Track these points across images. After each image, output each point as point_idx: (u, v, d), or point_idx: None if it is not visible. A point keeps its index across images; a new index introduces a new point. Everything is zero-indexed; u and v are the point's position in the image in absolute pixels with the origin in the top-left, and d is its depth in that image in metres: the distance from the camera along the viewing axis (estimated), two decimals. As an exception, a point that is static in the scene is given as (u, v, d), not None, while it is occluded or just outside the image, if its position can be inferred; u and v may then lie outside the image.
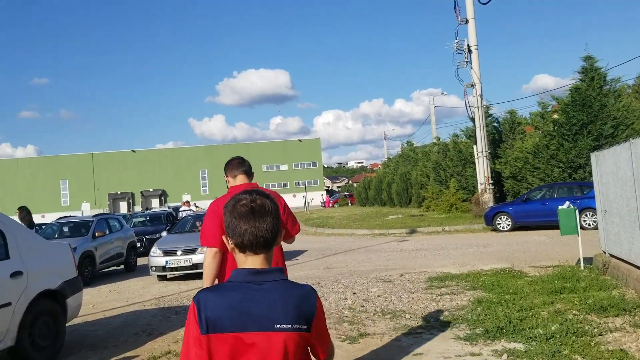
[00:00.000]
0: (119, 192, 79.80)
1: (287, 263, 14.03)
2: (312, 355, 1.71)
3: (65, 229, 14.27)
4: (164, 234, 14.85)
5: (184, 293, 10.46)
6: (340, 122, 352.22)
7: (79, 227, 14.05)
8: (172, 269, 12.25)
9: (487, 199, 23.67)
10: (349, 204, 61.10)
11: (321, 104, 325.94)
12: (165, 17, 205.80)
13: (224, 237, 1.71)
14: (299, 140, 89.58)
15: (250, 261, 1.63)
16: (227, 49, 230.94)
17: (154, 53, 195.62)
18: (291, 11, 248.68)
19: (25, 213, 11.66)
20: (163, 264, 12.22)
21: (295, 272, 12.30)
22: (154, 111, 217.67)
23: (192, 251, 12.27)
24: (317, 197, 78.36)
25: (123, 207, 76.81)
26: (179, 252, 12.32)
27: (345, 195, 68.26)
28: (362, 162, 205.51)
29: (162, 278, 12.69)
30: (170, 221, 21.82)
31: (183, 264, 12.18)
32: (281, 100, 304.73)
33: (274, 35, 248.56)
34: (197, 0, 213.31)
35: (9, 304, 5.06)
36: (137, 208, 73.89)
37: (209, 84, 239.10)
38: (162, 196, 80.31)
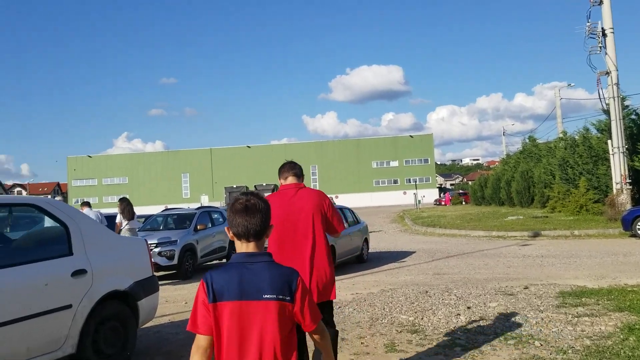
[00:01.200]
0: (234, 186, 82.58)
1: (393, 265, 12.89)
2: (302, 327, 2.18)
3: (170, 221, 14.22)
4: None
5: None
6: (455, 117, 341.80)
7: (182, 220, 13.93)
8: None
9: (624, 200, 20.85)
10: (463, 203, 58.26)
11: (435, 100, 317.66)
12: (279, 16, 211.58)
13: (225, 229, 2.32)
14: (411, 136, 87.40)
15: (244, 247, 2.19)
16: (340, 46, 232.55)
17: (270, 51, 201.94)
18: (404, 7, 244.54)
19: (125, 204, 11.60)
20: None
21: (401, 275, 11.15)
22: (270, 108, 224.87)
23: None
24: (429, 195, 75.84)
25: (238, 201, 79.39)
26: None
27: (459, 193, 65.27)
28: (477, 159, 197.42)
29: None
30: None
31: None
32: (394, 96, 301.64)
33: (388, 31, 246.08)
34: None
35: (68, 306, 4.49)
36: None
37: (322, 81, 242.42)
38: (274, 190, 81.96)
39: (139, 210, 14.22)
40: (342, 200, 71.18)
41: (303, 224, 3.88)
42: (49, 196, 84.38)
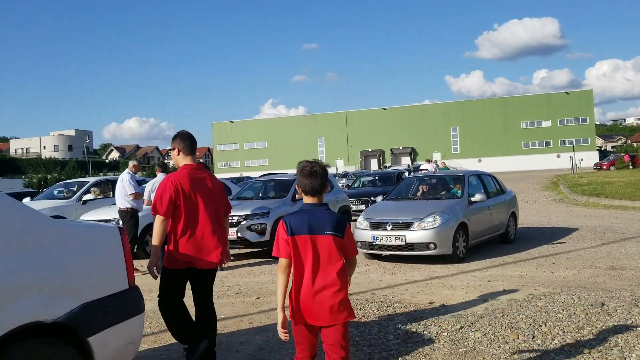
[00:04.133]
0: (369, 150, 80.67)
1: (546, 249, 9.41)
2: (344, 255, 3.07)
3: (268, 189, 12.23)
4: (379, 198, 11.87)
5: (400, 286, 7.19)
6: (619, 73, 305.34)
7: (280, 187, 11.86)
8: (380, 247, 9.13)
9: None
10: (630, 167, 50.23)
11: (595, 53, 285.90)
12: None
13: (296, 187, 3.33)
14: (566, 92, 77.92)
15: (310, 200, 3.11)
16: (487, 1, 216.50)
17: (414, 10, 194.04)
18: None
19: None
20: (369, 239, 9.17)
21: (559, 269, 7.96)
22: (411, 69, 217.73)
23: (406, 226, 8.92)
24: (587, 158, 67.20)
25: (374, 165, 77.42)
26: (388, 226, 9.10)
27: (630, 156, 56.40)
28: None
29: (374, 257, 9.69)
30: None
31: (393, 242, 8.94)
32: (548, 51, 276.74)
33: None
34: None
35: None
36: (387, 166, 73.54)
37: (467, 38, 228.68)
38: (412, 154, 78.57)
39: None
40: (485, 164, 65.68)
41: None
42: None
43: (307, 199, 3.12)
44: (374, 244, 9.16)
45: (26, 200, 14.11)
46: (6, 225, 2.87)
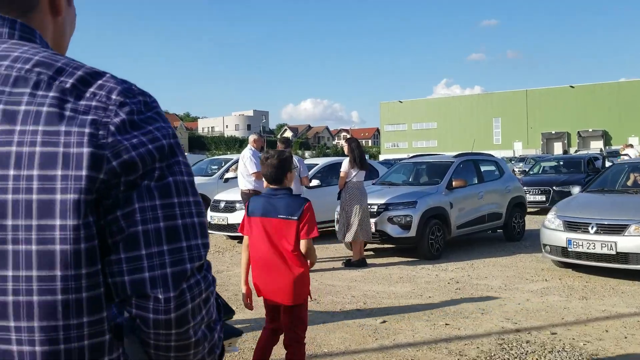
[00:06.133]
0: (553, 132, 72.86)
1: None
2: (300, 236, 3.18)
3: (419, 173, 10.15)
4: (576, 190, 9.01)
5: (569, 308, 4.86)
6: None
7: (434, 171, 9.72)
8: (578, 255, 6.69)
9: None
10: None
11: None
12: None
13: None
14: None
15: (271, 185, 3.36)
16: None
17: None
18: None
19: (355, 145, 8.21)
20: (563, 243, 6.78)
21: None
22: (602, 45, 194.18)
23: (618, 229, 6.41)
24: None
25: (557, 148, 69.75)
26: (591, 228, 6.62)
27: None
28: None
29: (563, 265, 7.30)
30: (594, 170, 15.29)
31: (599, 250, 6.46)
32: None
33: None
34: None
35: None
36: (573, 150, 65.64)
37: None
38: (604, 137, 69.20)
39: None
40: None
41: None
42: (341, 143, 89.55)
43: (267, 185, 3.51)
44: (569, 250, 6.76)
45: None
46: None
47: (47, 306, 0.79)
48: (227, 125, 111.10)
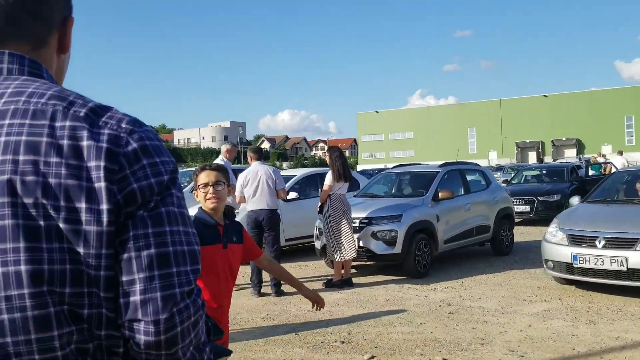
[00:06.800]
0: (527, 141, 73.47)
1: None
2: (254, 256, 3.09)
3: (402, 184, 9.57)
4: (575, 200, 8.51)
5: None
6: None
7: (419, 182, 9.16)
8: (584, 272, 6.16)
9: None
10: None
11: None
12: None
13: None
14: None
15: None
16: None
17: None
18: None
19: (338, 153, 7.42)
20: (568, 259, 6.23)
21: None
22: (575, 55, 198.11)
23: (629, 243, 5.90)
24: None
25: (532, 157, 70.29)
26: (599, 242, 6.10)
27: None
28: None
29: (567, 282, 6.77)
30: (577, 179, 14.96)
31: (608, 266, 5.93)
32: None
33: None
34: None
35: None
36: (547, 159, 66.15)
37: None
38: (577, 146, 69.97)
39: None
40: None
41: None
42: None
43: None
44: (575, 266, 6.23)
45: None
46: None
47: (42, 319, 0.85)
48: (203, 137, 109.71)
